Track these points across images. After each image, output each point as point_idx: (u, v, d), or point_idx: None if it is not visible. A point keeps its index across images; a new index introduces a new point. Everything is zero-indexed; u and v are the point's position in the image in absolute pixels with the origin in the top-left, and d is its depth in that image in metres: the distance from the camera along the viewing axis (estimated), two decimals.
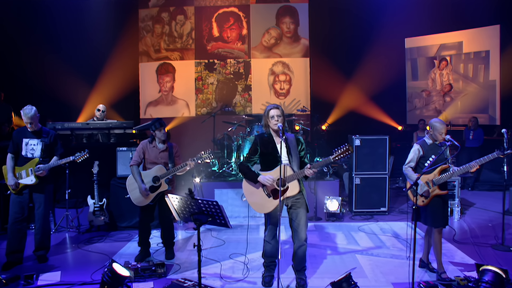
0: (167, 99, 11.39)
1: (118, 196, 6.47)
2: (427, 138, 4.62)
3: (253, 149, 4.17)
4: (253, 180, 4.12)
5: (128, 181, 5.23)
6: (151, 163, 5.20)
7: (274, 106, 4.12)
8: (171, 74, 11.33)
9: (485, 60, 10.32)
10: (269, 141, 4.15)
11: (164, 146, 5.24)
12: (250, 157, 4.20)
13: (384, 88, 10.81)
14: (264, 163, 4.19)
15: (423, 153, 4.51)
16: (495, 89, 10.08)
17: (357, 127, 9.62)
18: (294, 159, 4.08)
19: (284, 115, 4.15)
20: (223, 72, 11.25)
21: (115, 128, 7.32)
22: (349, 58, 10.96)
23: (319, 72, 11.09)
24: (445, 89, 11.11)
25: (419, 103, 11.63)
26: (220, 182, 7.32)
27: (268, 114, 4.12)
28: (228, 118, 9.37)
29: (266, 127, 4.20)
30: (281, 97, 11.27)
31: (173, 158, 5.22)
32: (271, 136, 4.18)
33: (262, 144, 4.15)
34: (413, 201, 4.33)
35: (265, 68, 11.27)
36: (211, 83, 11.27)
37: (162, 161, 5.19)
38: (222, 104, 11.01)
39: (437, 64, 11.25)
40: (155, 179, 5.12)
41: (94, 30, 10.54)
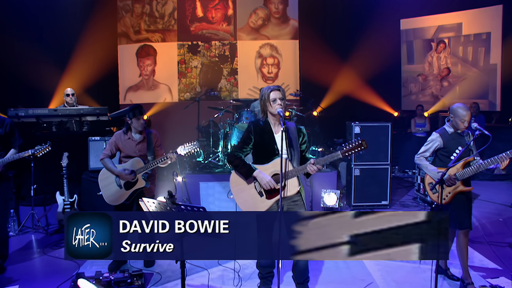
0: (148, 83, 10.88)
1: (91, 191, 5.83)
2: (447, 127, 4.06)
3: (245, 138, 3.59)
4: (246, 174, 3.50)
5: (100, 175, 4.56)
6: (127, 157, 4.45)
7: (276, 88, 3.52)
8: (152, 57, 10.79)
9: (485, 43, 9.90)
10: (265, 129, 3.57)
11: (142, 137, 4.51)
12: (242, 147, 3.60)
13: (378, 72, 10.36)
14: (258, 155, 3.61)
15: (444, 144, 3.99)
16: (496, 74, 9.68)
17: (351, 113, 9.21)
18: (294, 152, 3.51)
19: (285, 98, 3.55)
20: (208, 54, 10.79)
21: (88, 115, 6.55)
22: (341, 41, 10.51)
23: (309, 55, 10.60)
24: (443, 73, 10.71)
25: (414, 88, 11.22)
26: (206, 175, 6.68)
27: (268, 97, 3.51)
28: (214, 103, 8.83)
29: (262, 113, 3.61)
30: (269, 81, 10.84)
31: (152, 149, 4.52)
32: (268, 124, 3.59)
33: (257, 132, 3.57)
34: (432, 198, 3.93)
35: (252, 51, 10.83)
36: (194, 67, 10.80)
37: (140, 154, 4.46)
38: (206, 89, 10.50)
39: (434, 47, 10.82)
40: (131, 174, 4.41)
41: (67, 8, 9.83)
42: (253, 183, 3.52)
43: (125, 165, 4.46)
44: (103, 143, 5.87)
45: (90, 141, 5.93)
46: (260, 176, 3.44)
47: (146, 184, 4.45)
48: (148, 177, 4.48)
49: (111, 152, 4.50)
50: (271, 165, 3.51)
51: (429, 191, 4.03)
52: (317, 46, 10.39)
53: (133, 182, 4.43)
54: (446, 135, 4.02)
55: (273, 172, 3.48)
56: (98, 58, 10.11)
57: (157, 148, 4.56)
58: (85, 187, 5.95)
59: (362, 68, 10.40)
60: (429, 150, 4.08)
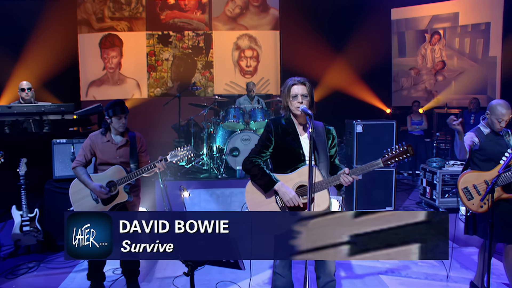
0: (113, 77, 10.46)
1: (56, 204, 5.18)
2: (482, 126, 3.80)
3: (264, 139, 3.16)
4: (265, 187, 3.04)
5: (71, 187, 3.94)
6: (105, 164, 3.85)
7: (299, 81, 3.09)
8: (117, 48, 10.41)
9: (484, 34, 9.80)
10: (288, 130, 3.14)
11: (124, 140, 3.92)
12: (261, 150, 3.15)
13: (368, 66, 10.16)
14: (278, 161, 3.18)
15: (479, 145, 3.72)
16: (496, 67, 9.59)
17: (340, 110, 9.02)
18: (322, 158, 3.11)
19: (312, 95, 3.11)
20: (180, 46, 10.54)
21: (50, 113, 5.88)
22: (326, 32, 10.28)
23: (291, 47, 10.43)
24: (437, 66, 10.59)
25: (406, 82, 11.05)
26: (190, 181, 6.27)
27: (288, 91, 3.09)
28: (196, 99, 8.48)
29: (285, 110, 3.19)
30: (247, 75, 10.69)
31: (136, 155, 3.94)
32: (292, 123, 3.16)
33: (278, 133, 3.14)
34: (467, 205, 3.69)
35: (229, 42, 10.64)
36: (165, 59, 10.53)
37: (121, 161, 3.88)
38: (178, 84, 10.38)
39: (428, 39, 10.69)
40: (110, 185, 3.84)
41: None
42: (274, 196, 3.09)
43: (103, 175, 3.84)
44: (70, 147, 5.21)
45: (55, 144, 5.25)
46: (282, 191, 3.01)
47: (129, 197, 3.87)
48: (131, 188, 3.91)
49: (86, 158, 3.88)
50: (296, 175, 3.07)
51: (463, 197, 3.73)
52: (299, 37, 10.19)
53: (113, 196, 3.82)
54: (482, 136, 3.74)
55: (299, 184, 3.05)
56: (55, 48, 9.57)
57: (141, 154, 4.00)
58: (48, 199, 5.26)
59: (351, 62, 10.19)
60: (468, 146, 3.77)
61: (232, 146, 6.50)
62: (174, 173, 6.43)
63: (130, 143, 3.90)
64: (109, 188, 3.81)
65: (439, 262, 4.67)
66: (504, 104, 3.65)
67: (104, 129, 3.88)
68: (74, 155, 5.14)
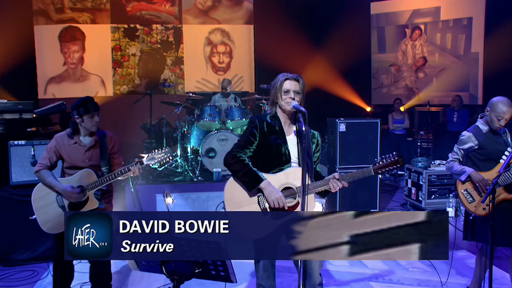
0: (75, 74, 10.22)
1: (13, 214, 4.92)
2: (481, 124, 3.80)
3: (249, 134, 3.12)
4: (250, 184, 2.97)
5: (34, 193, 3.71)
6: (73, 168, 3.67)
7: (293, 77, 3.09)
8: (79, 42, 10.15)
9: (466, 29, 9.97)
10: (274, 128, 3.10)
11: (93, 140, 3.72)
12: (245, 145, 3.09)
13: (348, 62, 10.22)
14: (260, 161, 3.10)
15: (478, 144, 3.72)
16: (478, 64, 9.77)
17: (320, 108, 8.77)
18: (309, 162, 3.05)
19: (304, 93, 3.11)
20: (148, 40, 10.41)
21: (5, 112, 5.65)
22: (303, 27, 10.27)
23: (266, 43, 10.35)
24: (418, 63, 10.74)
25: (386, 79, 11.16)
26: (163, 185, 6.14)
27: (280, 86, 3.07)
28: (168, 97, 8.54)
29: (272, 106, 3.15)
30: (220, 72, 10.74)
31: (107, 157, 3.75)
32: (278, 121, 3.13)
33: (263, 130, 3.09)
34: (469, 208, 3.68)
35: (200, 37, 10.61)
36: (132, 54, 10.38)
37: (90, 164, 3.69)
38: (147, 81, 10.29)
39: (408, 34, 10.83)
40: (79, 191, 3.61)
41: None
42: (256, 196, 3.00)
43: (70, 180, 3.64)
44: (30, 149, 4.94)
45: (12, 146, 4.97)
46: (268, 190, 2.93)
47: (100, 204, 3.66)
48: (102, 194, 3.70)
49: (50, 161, 3.67)
50: (283, 175, 3.02)
51: (464, 199, 3.73)
52: (275, 32, 10.14)
53: (81, 202, 3.62)
54: (480, 134, 3.74)
55: (285, 185, 3.00)
56: (9, 41, 9.14)
57: (113, 156, 3.80)
58: (4, 208, 4.97)
59: (330, 58, 10.22)
60: (461, 153, 3.82)
61: (208, 147, 6.43)
62: (146, 177, 6.28)
63: (99, 143, 3.70)
64: None
65: (431, 268, 4.67)
66: (506, 102, 3.63)
67: (71, 130, 3.67)
68: (35, 158, 4.88)
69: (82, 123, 3.61)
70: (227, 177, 6.39)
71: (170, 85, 7.69)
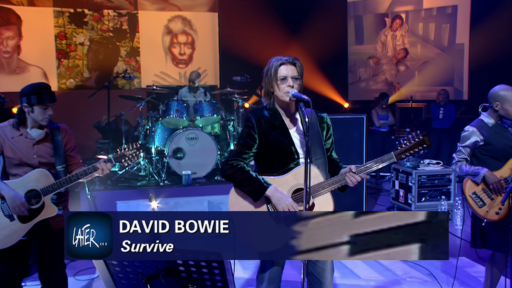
0: (9, 64, 9.93)
1: None
2: (485, 117, 3.79)
3: (246, 137, 3.01)
4: (255, 194, 2.90)
5: None
6: (18, 166, 3.45)
7: (288, 60, 2.97)
8: (14, 27, 9.86)
9: (451, 18, 10.17)
10: (274, 123, 3.02)
11: (43, 133, 3.51)
12: (242, 151, 3.00)
13: (324, 54, 10.39)
14: (265, 163, 3.06)
15: (484, 139, 3.71)
16: (463, 56, 10.01)
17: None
18: (319, 154, 3.02)
19: (303, 77, 3.04)
20: (98, 28, 10.31)
21: None
22: (276, 13, 10.35)
23: (232, 32, 10.46)
24: (399, 55, 10.93)
25: (364, 73, 11.35)
26: (124, 190, 6.16)
27: (275, 73, 2.96)
28: (128, 91, 8.72)
29: (267, 98, 3.04)
30: (181, 65, 10.82)
31: (63, 154, 3.55)
32: (278, 115, 3.03)
33: (262, 128, 3.00)
34: (479, 213, 3.63)
35: (159, 25, 10.60)
36: (80, 44, 10.23)
37: (39, 161, 3.47)
38: (97, 74, 10.24)
39: (388, 24, 11.01)
40: (32, 196, 3.39)
41: None
42: (265, 205, 2.93)
43: (20, 182, 3.39)
44: None
45: None
46: (276, 196, 2.85)
47: (59, 210, 3.43)
48: (58, 198, 3.48)
49: None
50: (291, 177, 2.94)
51: (473, 203, 3.70)
52: (243, 20, 10.23)
53: (35, 210, 3.38)
54: (485, 128, 3.73)
55: (295, 187, 2.94)
56: None
57: (70, 154, 3.60)
58: None
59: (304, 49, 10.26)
60: (466, 152, 3.79)
61: (175, 147, 6.37)
62: (103, 181, 6.20)
63: (51, 137, 3.50)
64: (29, 199, 3.36)
65: (431, 277, 4.70)
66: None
67: (16, 121, 3.42)
68: None
69: (31, 114, 3.38)
70: (197, 180, 6.40)
71: (131, 76, 7.56)
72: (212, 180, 6.38)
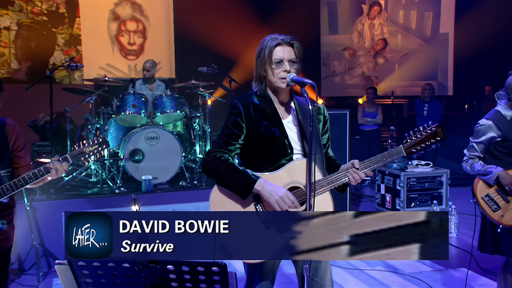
0: None
1: None
2: (503, 109, 3.79)
3: (231, 126, 2.97)
4: (241, 189, 2.84)
5: None
6: None
7: (284, 40, 2.99)
8: None
9: (434, 6, 10.38)
10: (265, 111, 2.98)
11: None
12: (228, 142, 2.96)
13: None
14: (253, 157, 3.00)
15: (501, 133, 3.71)
16: (447, 47, 10.24)
17: None
18: (316, 149, 2.97)
19: (301, 60, 3.01)
20: (29, 10, 10.12)
21: None
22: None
23: (190, 19, 10.42)
24: (377, 46, 11.12)
25: (339, 66, 11.48)
26: (72, 200, 5.97)
27: (270, 55, 2.93)
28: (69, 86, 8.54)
29: (258, 82, 2.99)
30: (131, 56, 10.70)
31: (8, 155, 3.39)
32: (270, 102, 3.01)
33: (250, 117, 2.97)
34: (493, 217, 3.67)
35: (103, 10, 10.51)
36: (5, 28, 10.00)
37: None
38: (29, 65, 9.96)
39: (366, 11, 11.18)
40: None
41: None
42: (252, 204, 2.86)
43: None
44: None
45: None
46: (267, 190, 2.76)
47: (2, 224, 3.23)
48: (1, 210, 3.28)
49: None
50: (284, 173, 2.89)
51: (487, 207, 3.72)
52: (201, 5, 10.31)
53: None
54: (503, 122, 3.73)
55: (289, 185, 2.88)
56: None
57: (17, 154, 3.43)
58: None
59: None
60: (481, 149, 3.81)
61: (132, 148, 6.25)
62: (46, 190, 5.98)
63: None
64: None
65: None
66: None
67: None
68: None
69: None
70: (159, 187, 6.22)
71: (78, 65, 7.33)
72: (176, 186, 6.25)
